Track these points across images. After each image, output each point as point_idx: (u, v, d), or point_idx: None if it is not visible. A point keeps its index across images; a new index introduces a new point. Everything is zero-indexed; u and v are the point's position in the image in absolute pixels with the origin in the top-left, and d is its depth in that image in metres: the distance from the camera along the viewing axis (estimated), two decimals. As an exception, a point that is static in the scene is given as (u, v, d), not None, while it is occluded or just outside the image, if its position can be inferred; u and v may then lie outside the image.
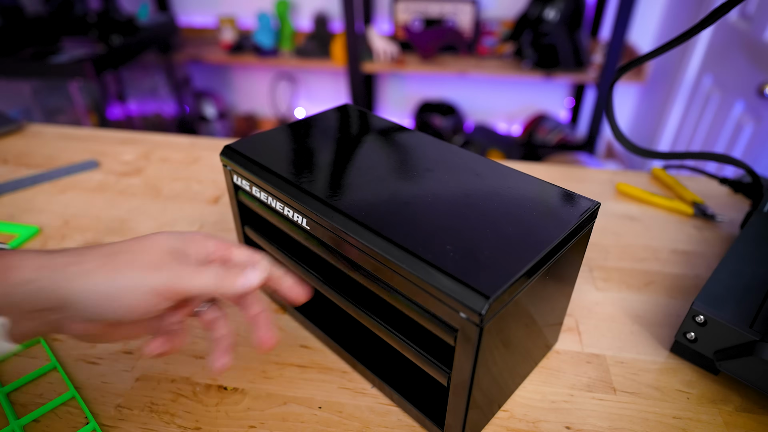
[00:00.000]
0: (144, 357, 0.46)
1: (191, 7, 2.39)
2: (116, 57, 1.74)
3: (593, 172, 0.80)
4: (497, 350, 0.34)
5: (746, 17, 1.39)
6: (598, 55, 1.96)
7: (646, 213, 0.69)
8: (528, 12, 1.93)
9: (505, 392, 0.42)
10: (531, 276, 0.32)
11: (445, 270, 0.31)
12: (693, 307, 0.43)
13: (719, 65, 1.53)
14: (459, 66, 1.99)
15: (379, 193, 0.38)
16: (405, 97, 2.47)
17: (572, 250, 0.37)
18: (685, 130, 1.72)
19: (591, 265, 0.59)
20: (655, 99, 1.97)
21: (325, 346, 0.48)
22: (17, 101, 1.78)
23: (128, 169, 0.79)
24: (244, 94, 2.65)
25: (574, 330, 0.50)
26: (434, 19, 2.05)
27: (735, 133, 1.38)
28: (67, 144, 0.86)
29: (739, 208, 0.70)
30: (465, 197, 0.38)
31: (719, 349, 0.43)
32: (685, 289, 0.56)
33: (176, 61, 2.20)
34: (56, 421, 0.41)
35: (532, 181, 0.40)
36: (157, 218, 0.67)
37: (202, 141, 0.88)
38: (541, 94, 2.32)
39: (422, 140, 0.46)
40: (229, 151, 0.45)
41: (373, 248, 0.33)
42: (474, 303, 0.29)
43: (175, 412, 0.42)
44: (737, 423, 0.41)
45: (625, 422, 0.42)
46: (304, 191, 0.38)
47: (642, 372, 0.46)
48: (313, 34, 2.20)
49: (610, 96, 0.63)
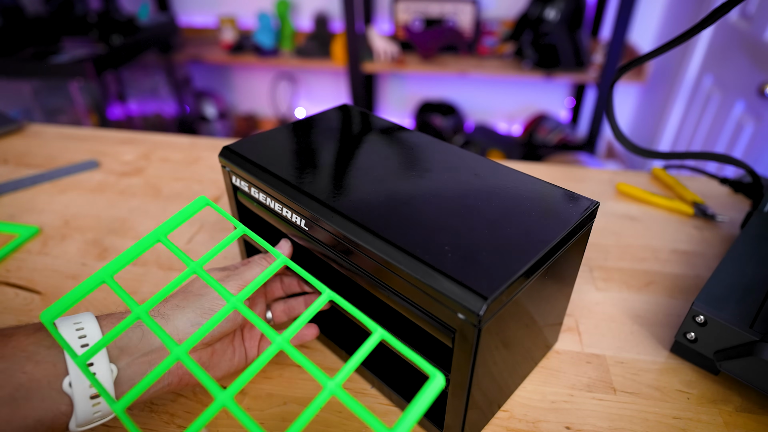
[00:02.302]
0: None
1: (191, 7, 2.39)
2: (116, 57, 1.75)
3: (593, 172, 0.80)
4: (496, 350, 0.34)
5: (746, 17, 1.39)
6: (599, 55, 1.96)
7: (647, 213, 0.69)
8: (528, 12, 1.93)
9: (505, 392, 0.42)
10: (530, 276, 0.32)
11: (444, 271, 0.30)
12: (693, 307, 0.43)
13: (720, 65, 1.53)
14: (459, 66, 1.99)
15: (378, 193, 0.38)
16: (405, 97, 2.47)
17: (572, 250, 0.37)
18: (685, 130, 1.72)
19: (591, 265, 0.59)
20: (656, 99, 1.97)
21: (324, 346, 0.48)
22: (17, 101, 1.78)
23: (128, 169, 0.79)
24: (244, 94, 2.65)
25: (574, 330, 0.50)
26: (434, 19, 2.05)
27: (735, 133, 1.38)
28: (67, 144, 0.86)
29: (740, 208, 0.70)
30: (464, 197, 0.38)
31: (719, 349, 0.43)
32: (686, 289, 0.56)
33: (176, 61, 2.20)
34: (56, 422, 0.41)
35: (531, 181, 0.40)
36: (157, 218, 0.67)
37: (203, 141, 0.88)
38: (542, 94, 2.32)
39: (422, 140, 0.46)
40: (227, 152, 0.45)
41: (372, 249, 0.33)
42: (472, 304, 0.29)
43: (175, 412, 0.42)
44: (737, 423, 0.41)
45: (625, 422, 0.41)
46: (302, 192, 0.38)
47: (642, 372, 0.46)
48: (314, 34, 2.20)
49: (610, 96, 0.63)
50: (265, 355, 0.27)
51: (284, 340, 0.28)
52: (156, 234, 0.36)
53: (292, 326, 0.29)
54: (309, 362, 0.27)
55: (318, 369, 0.27)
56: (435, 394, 0.25)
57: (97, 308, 0.52)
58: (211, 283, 0.32)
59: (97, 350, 0.29)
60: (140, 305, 0.31)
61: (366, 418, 0.24)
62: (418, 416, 0.24)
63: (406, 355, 0.28)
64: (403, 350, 0.28)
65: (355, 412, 0.25)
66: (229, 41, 2.23)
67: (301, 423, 0.24)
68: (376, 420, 0.24)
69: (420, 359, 0.28)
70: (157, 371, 0.27)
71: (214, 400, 0.25)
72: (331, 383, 0.26)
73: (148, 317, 0.30)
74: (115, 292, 0.32)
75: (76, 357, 0.30)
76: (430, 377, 0.26)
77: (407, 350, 0.28)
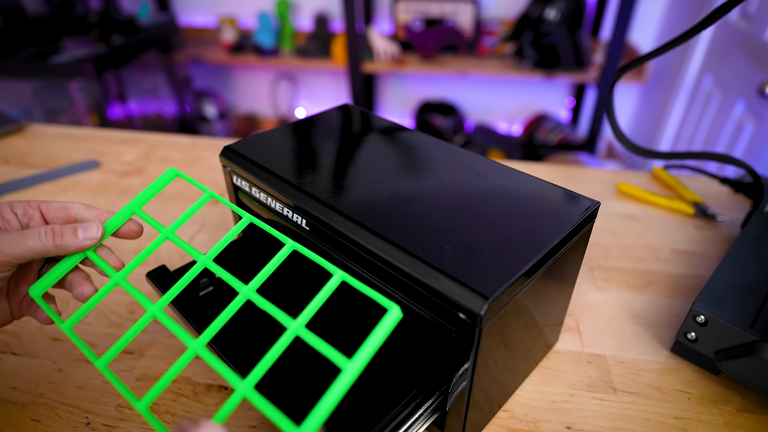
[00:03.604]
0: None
1: (192, 7, 2.39)
2: (117, 57, 1.74)
3: (594, 172, 0.80)
4: (497, 350, 0.34)
5: (747, 17, 1.39)
6: (599, 55, 1.96)
7: (647, 213, 0.69)
8: (528, 12, 1.93)
9: (506, 392, 0.42)
10: (530, 276, 0.32)
11: (444, 270, 0.30)
12: (694, 307, 0.43)
13: (720, 65, 1.53)
14: (459, 66, 1.99)
15: (379, 193, 0.38)
16: (405, 97, 2.47)
17: (572, 250, 0.37)
18: (685, 129, 1.72)
19: (591, 265, 0.59)
20: (656, 99, 1.97)
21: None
22: (18, 101, 1.78)
23: (129, 169, 0.79)
24: (244, 94, 2.64)
25: (575, 330, 0.50)
26: (435, 19, 2.05)
27: (736, 132, 1.38)
28: (67, 144, 0.86)
29: (740, 208, 0.70)
30: (465, 197, 0.38)
31: (720, 349, 0.43)
32: (686, 289, 0.56)
33: (177, 61, 2.20)
34: (56, 421, 0.41)
35: (532, 181, 0.40)
36: (157, 218, 0.66)
37: (203, 141, 0.88)
38: (542, 94, 2.32)
39: (422, 140, 0.46)
40: (228, 151, 0.45)
41: (372, 249, 0.33)
42: (473, 304, 0.29)
43: (175, 412, 0.42)
44: (738, 423, 0.41)
45: (626, 422, 0.41)
46: (303, 192, 0.38)
47: (643, 372, 0.46)
48: (314, 34, 2.20)
49: (610, 96, 0.63)
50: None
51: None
52: (130, 207, 0.38)
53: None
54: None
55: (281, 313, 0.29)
56: (392, 326, 0.26)
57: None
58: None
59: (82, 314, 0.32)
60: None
61: (327, 353, 0.26)
62: (376, 346, 0.26)
63: (364, 292, 0.29)
64: (361, 288, 0.29)
65: (319, 349, 0.26)
66: (230, 41, 2.23)
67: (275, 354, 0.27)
68: (336, 353, 0.26)
69: (376, 294, 0.28)
70: None
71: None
72: (294, 324, 0.28)
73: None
74: (96, 263, 0.35)
75: (62, 323, 0.32)
76: (388, 309, 0.27)
77: (365, 288, 0.29)
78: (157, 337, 0.49)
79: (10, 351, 0.47)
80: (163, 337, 0.49)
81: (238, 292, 0.31)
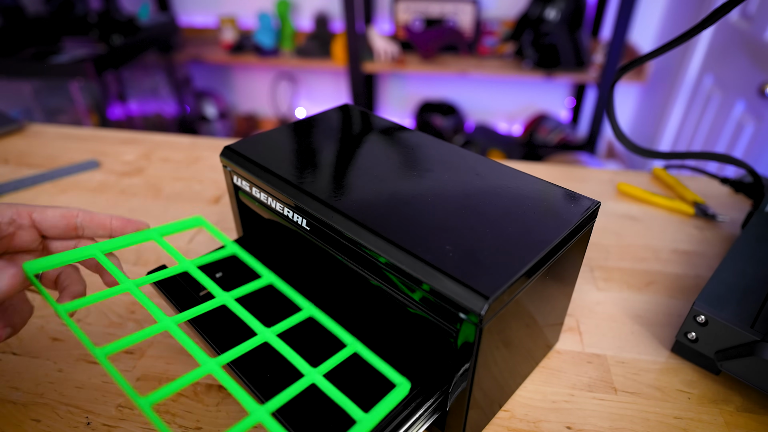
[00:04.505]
0: None
1: (192, 7, 2.39)
2: (117, 57, 1.74)
3: (594, 171, 0.80)
4: (497, 350, 0.34)
5: (747, 17, 1.39)
6: (599, 55, 1.96)
7: (647, 213, 0.69)
8: (529, 12, 1.93)
9: (506, 392, 0.42)
10: (531, 276, 0.32)
11: (445, 270, 0.30)
12: (694, 307, 0.43)
13: (720, 65, 1.53)
14: (459, 66, 1.99)
15: (379, 193, 0.38)
16: (405, 97, 2.47)
17: (573, 250, 0.37)
18: (685, 129, 1.72)
19: (592, 264, 0.59)
20: (656, 99, 1.97)
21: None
22: (18, 101, 1.78)
23: (129, 169, 0.79)
24: (244, 94, 2.65)
25: (575, 330, 0.50)
26: (435, 19, 2.05)
27: (736, 132, 1.38)
28: (67, 144, 0.86)
29: (740, 208, 0.70)
30: (465, 197, 0.38)
31: (720, 349, 0.43)
32: (686, 289, 0.56)
33: (177, 61, 2.20)
34: (57, 421, 0.41)
35: (532, 181, 0.40)
36: (157, 218, 0.67)
37: (203, 141, 0.88)
38: (542, 93, 2.32)
39: (423, 140, 0.46)
40: (228, 151, 0.45)
41: (373, 248, 0.33)
42: (473, 303, 0.29)
43: (176, 412, 0.42)
44: (738, 423, 0.41)
45: (626, 422, 0.41)
46: (303, 192, 0.38)
47: (643, 372, 0.46)
48: (314, 34, 2.20)
49: (610, 96, 0.63)
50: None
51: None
52: (153, 232, 0.38)
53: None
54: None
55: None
56: (398, 401, 0.27)
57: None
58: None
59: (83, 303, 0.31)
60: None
61: (344, 404, 0.27)
62: (381, 415, 0.26)
63: (376, 366, 0.29)
64: (373, 361, 0.29)
65: (335, 398, 0.27)
66: (230, 41, 2.23)
67: None
68: (353, 405, 0.27)
69: (387, 367, 0.29)
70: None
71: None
72: (314, 373, 0.29)
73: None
74: (104, 265, 0.34)
75: (57, 306, 0.30)
76: (397, 385, 0.28)
77: (377, 361, 0.29)
78: (157, 337, 0.49)
79: (10, 351, 0.47)
80: (164, 338, 0.49)
81: (257, 333, 0.31)
